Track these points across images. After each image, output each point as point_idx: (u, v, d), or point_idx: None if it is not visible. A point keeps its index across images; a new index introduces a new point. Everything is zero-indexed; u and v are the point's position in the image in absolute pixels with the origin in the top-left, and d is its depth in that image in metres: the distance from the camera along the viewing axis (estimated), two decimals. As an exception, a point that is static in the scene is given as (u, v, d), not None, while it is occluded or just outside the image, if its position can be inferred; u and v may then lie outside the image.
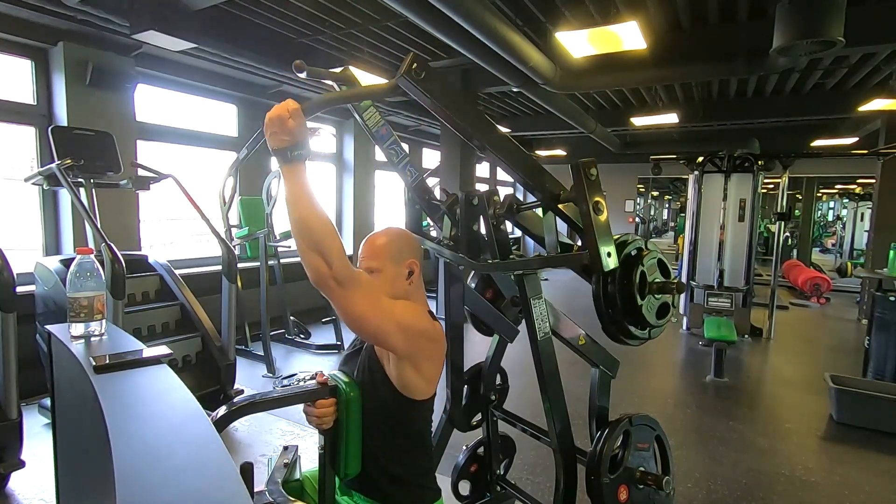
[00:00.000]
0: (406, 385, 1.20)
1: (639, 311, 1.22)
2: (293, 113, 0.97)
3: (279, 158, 1.00)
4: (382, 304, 1.12)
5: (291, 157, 0.99)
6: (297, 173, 1.00)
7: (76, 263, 1.11)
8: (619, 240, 1.25)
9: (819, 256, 12.28)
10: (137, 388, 0.88)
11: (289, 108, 0.97)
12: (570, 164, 1.15)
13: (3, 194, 4.09)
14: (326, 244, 1.00)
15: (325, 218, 1.02)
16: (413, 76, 1.02)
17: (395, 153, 1.55)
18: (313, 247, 1.00)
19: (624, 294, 1.22)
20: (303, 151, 1.00)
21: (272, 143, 0.99)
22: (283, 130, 0.98)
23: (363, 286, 1.08)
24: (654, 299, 1.24)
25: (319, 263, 1.00)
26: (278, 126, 0.98)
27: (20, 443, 2.41)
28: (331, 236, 1.01)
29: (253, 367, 4.16)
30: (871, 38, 3.72)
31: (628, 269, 1.22)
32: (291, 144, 0.99)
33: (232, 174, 4.33)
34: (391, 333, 1.12)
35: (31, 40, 3.62)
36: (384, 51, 5.02)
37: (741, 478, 2.65)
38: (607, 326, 1.26)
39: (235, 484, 0.56)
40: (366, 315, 1.08)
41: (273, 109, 0.98)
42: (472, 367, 1.98)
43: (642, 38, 3.36)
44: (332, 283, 1.01)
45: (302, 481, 1.35)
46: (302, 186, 1.00)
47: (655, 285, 1.24)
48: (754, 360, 4.83)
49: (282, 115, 0.97)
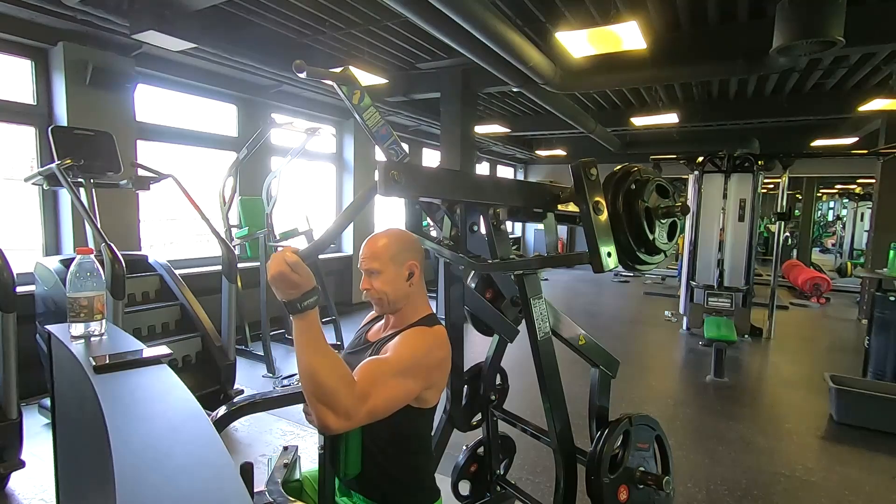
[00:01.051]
0: (419, 401, 1.21)
1: (652, 244, 1.21)
2: (293, 265, 0.96)
3: (289, 310, 0.99)
4: (386, 377, 1.10)
5: (302, 308, 0.98)
6: (308, 322, 1.00)
7: (76, 263, 1.11)
8: (617, 174, 1.23)
9: (819, 256, 12.28)
10: (137, 388, 0.88)
11: (287, 260, 0.95)
12: (570, 164, 1.15)
13: (3, 194, 4.09)
14: (332, 395, 0.99)
15: (331, 360, 1.01)
16: (394, 184, 0.98)
17: (395, 153, 1.54)
18: (321, 399, 0.99)
19: (634, 231, 1.20)
20: (311, 300, 0.99)
21: (280, 296, 0.98)
22: (289, 284, 0.96)
23: (370, 390, 1.06)
24: (662, 224, 1.23)
25: (326, 415, 1.00)
26: (283, 282, 0.96)
27: (20, 443, 2.41)
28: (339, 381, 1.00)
29: (253, 367, 4.16)
30: (871, 38, 3.72)
31: (632, 205, 1.20)
32: (299, 296, 0.98)
33: (232, 174, 4.33)
34: (408, 389, 1.13)
35: (31, 40, 3.62)
36: (384, 51, 5.02)
37: (741, 478, 2.65)
38: (623, 262, 1.24)
39: (235, 484, 0.56)
40: (386, 405, 1.09)
41: (272, 265, 0.96)
42: (472, 367, 1.98)
43: (642, 38, 3.36)
44: (342, 424, 1.02)
45: (302, 481, 1.35)
46: (313, 336, 1.00)
47: (661, 211, 1.22)
48: (754, 360, 4.83)
49: (283, 270, 0.95)
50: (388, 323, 1.33)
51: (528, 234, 12.40)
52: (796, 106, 6.54)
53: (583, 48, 3.60)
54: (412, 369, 1.14)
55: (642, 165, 1.26)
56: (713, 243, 5.44)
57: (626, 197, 1.21)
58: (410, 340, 1.20)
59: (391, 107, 6.24)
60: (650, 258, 1.24)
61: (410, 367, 1.14)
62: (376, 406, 1.06)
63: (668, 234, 1.25)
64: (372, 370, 1.10)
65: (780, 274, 6.06)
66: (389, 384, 1.10)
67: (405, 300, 1.27)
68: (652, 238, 1.20)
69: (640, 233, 1.20)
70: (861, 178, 10.24)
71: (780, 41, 3.17)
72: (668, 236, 1.25)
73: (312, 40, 4.62)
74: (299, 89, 5.64)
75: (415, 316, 1.29)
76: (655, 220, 1.21)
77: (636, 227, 1.19)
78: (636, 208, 1.19)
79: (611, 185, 1.21)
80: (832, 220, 14.18)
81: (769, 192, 11.60)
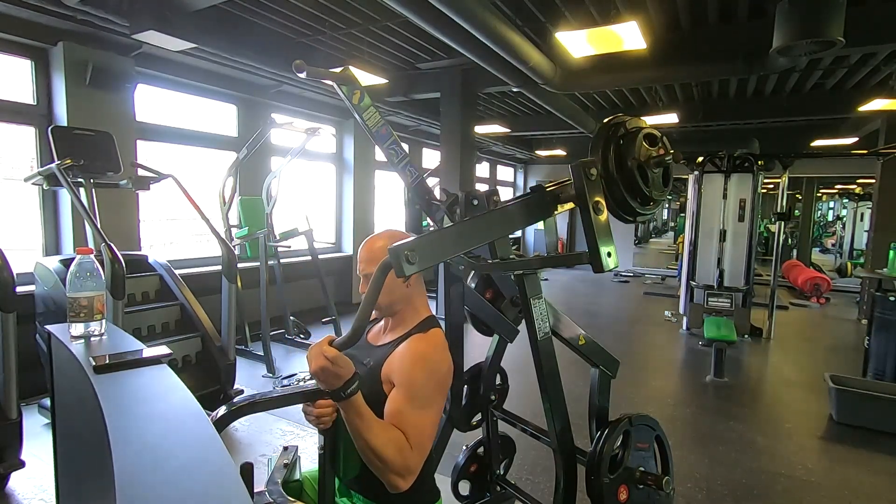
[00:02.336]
0: None
1: (647, 196, 1.21)
2: (333, 359, 0.99)
3: (333, 398, 1.04)
4: (413, 417, 1.14)
5: (346, 395, 1.03)
6: (356, 407, 1.05)
7: (76, 263, 1.11)
8: (601, 131, 1.21)
9: (819, 256, 12.28)
10: (137, 388, 0.88)
11: (326, 355, 0.99)
12: (570, 164, 1.15)
13: (4, 194, 4.09)
14: (395, 462, 1.06)
15: (386, 434, 1.08)
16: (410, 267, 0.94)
17: (395, 153, 1.54)
18: (390, 470, 1.07)
19: (628, 187, 1.19)
20: (354, 387, 1.03)
21: (325, 387, 1.03)
22: (332, 376, 1.01)
23: (414, 440, 1.12)
24: (654, 173, 1.22)
25: (397, 481, 1.08)
26: (327, 375, 1.01)
27: (20, 443, 2.41)
28: (395, 450, 1.07)
29: (253, 367, 4.16)
30: (871, 38, 3.72)
31: (623, 164, 1.19)
32: (342, 384, 1.02)
33: (232, 174, 4.33)
34: (439, 414, 1.21)
35: (31, 40, 3.62)
36: (384, 51, 5.02)
37: (741, 478, 2.65)
38: (618, 215, 1.24)
39: (235, 484, 0.56)
40: (431, 441, 1.18)
41: (313, 360, 1.00)
42: (472, 367, 1.98)
43: (642, 38, 3.37)
44: (410, 481, 1.10)
45: (302, 481, 1.35)
46: (364, 419, 1.05)
47: (652, 161, 1.21)
48: (754, 360, 4.83)
49: (324, 366, 0.99)
50: (388, 325, 1.33)
51: (528, 234, 12.40)
52: (796, 106, 6.54)
53: (583, 48, 3.60)
54: (432, 395, 1.19)
55: (630, 116, 1.25)
56: (713, 243, 5.44)
57: (617, 155, 1.19)
58: (418, 365, 1.19)
59: (391, 107, 6.24)
60: (645, 209, 1.24)
61: (431, 394, 1.18)
62: (424, 445, 1.14)
63: (662, 180, 1.24)
64: (405, 417, 1.14)
65: (780, 274, 6.06)
66: (424, 419, 1.15)
67: (403, 302, 1.27)
68: (648, 192, 1.20)
69: (634, 187, 1.19)
70: (861, 178, 10.23)
71: (780, 41, 3.17)
72: (663, 183, 1.24)
73: (312, 40, 4.62)
74: (299, 89, 5.63)
75: (414, 318, 1.29)
76: (648, 171, 1.20)
77: (630, 182, 1.19)
78: (628, 166, 1.18)
79: (600, 143, 1.19)
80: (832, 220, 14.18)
81: (769, 192, 11.60)
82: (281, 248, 4.73)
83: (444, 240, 1.06)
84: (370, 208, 7.32)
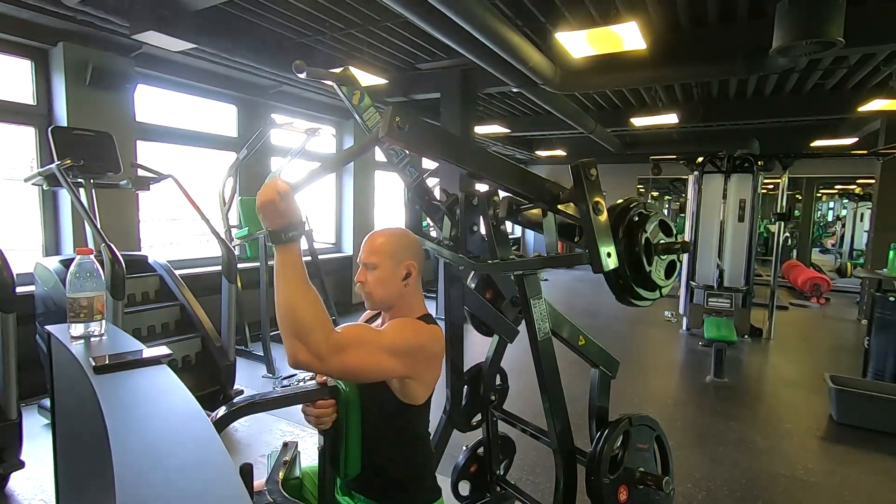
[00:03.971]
0: (406, 394, 1.22)
1: (648, 276, 1.22)
2: (283, 195, 0.96)
3: (273, 239, 0.99)
4: (372, 346, 1.11)
5: (286, 239, 0.99)
6: (291, 255, 1.00)
7: (76, 264, 1.11)
8: (620, 205, 1.25)
9: (819, 257, 12.28)
10: (137, 389, 0.88)
11: (278, 189, 0.96)
12: (569, 164, 1.15)
13: (4, 194, 4.09)
14: (308, 332, 1.00)
15: (311, 297, 1.01)
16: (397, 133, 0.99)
17: (395, 153, 1.55)
18: (295, 333, 1.00)
19: (632, 262, 1.22)
20: (297, 232, 1.00)
21: (266, 225, 0.99)
22: (276, 213, 0.97)
23: (348, 345, 1.07)
24: (660, 260, 1.24)
25: (297, 349, 1.00)
26: (271, 209, 0.96)
27: (20, 443, 2.41)
28: (316, 324, 1.01)
29: (253, 368, 4.16)
30: (871, 38, 3.71)
31: (633, 236, 1.22)
32: (285, 225, 0.98)
33: (232, 174, 4.33)
34: (390, 367, 1.13)
35: (31, 40, 3.62)
36: (384, 51, 5.02)
37: (741, 478, 2.65)
38: (619, 296, 1.27)
39: (235, 484, 0.56)
40: (360, 367, 1.09)
41: (263, 192, 0.97)
42: (471, 367, 1.98)
43: (642, 39, 3.37)
44: (311, 362, 1.02)
45: (302, 477, 1.35)
46: (294, 270, 1.00)
47: (661, 247, 1.24)
48: (754, 361, 4.83)
49: (272, 198, 0.95)
50: (384, 321, 1.34)
51: (528, 234, 12.40)
52: (796, 106, 6.54)
53: (583, 48, 3.60)
54: (400, 351, 1.15)
55: (648, 200, 1.29)
56: (713, 244, 5.44)
57: (629, 227, 1.23)
58: (408, 326, 1.22)
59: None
60: (648, 293, 1.27)
61: (399, 349, 1.15)
62: (350, 363, 1.06)
63: (666, 271, 1.27)
64: (360, 332, 1.12)
65: (779, 274, 6.06)
66: (372, 352, 1.11)
67: (399, 299, 1.28)
68: (648, 270, 1.22)
69: (638, 265, 1.21)
70: (861, 179, 10.22)
71: (780, 41, 3.17)
72: (666, 274, 1.27)
73: (312, 40, 4.62)
74: (299, 90, 5.63)
75: (410, 316, 1.29)
76: (655, 256, 1.23)
77: (635, 258, 1.21)
78: (637, 238, 1.21)
79: (614, 214, 1.23)
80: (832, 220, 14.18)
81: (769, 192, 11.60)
82: (281, 249, 4.72)
83: (438, 134, 1.09)
84: (370, 208, 7.32)
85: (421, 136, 1.03)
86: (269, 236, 0.99)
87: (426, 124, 1.04)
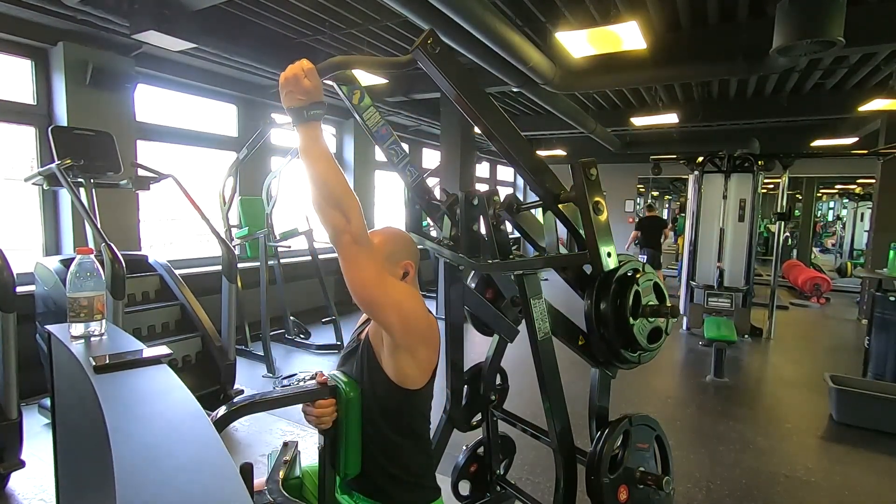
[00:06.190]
0: (401, 373, 1.18)
1: (630, 332, 1.22)
2: (308, 72, 0.98)
3: (294, 118, 1.00)
4: (387, 278, 1.14)
5: (308, 117, 1.00)
6: (313, 132, 1.01)
7: (76, 263, 1.11)
8: (614, 273, 1.26)
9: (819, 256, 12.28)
10: (137, 388, 0.88)
11: (303, 67, 0.98)
12: (570, 164, 1.15)
13: (4, 194, 4.09)
14: (346, 201, 1.02)
15: (342, 176, 1.03)
16: (428, 50, 1.05)
17: (395, 153, 1.54)
18: (333, 203, 1.01)
19: (617, 313, 1.22)
20: (319, 111, 1.01)
21: (287, 102, 1.00)
22: (299, 90, 0.99)
23: (375, 251, 1.11)
24: (646, 322, 1.25)
25: (339, 220, 1.01)
26: (294, 85, 0.98)
27: (20, 443, 2.41)
28: (349, 194, 1.03)
29: (253, 367, 4.16)
30: (871, 38, 3.71)
31: (623, 288, 1.23)
32: (307, 104, 0.99)
33: (232, 174, 4.33)
34: (388, 307, 1.12)
35: (31, 40, 3.62)
36: (384, 51, 5.02)
37: (741, 478, 2.65)
38: (597, 345, 1.27)
39: (235, 484, 0.56)
40: (369, 282, 1.09)
41: (288, 69, 0.99)
42: (472, 367, 1.98)
43: (642, 38, 3.37)
44: (349, 238, 1.03)
45: (302, 476, 1.35)
46: (318, 145, 1.02)
47: (649, 308, 1.24)
48: (754, 360, 4.83)
49: (297, 74, 0.98)
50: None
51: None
52: (796, 106, 6.54)
53: (583, 48, 3.60)
54: (401, 297, 1.14)
55: (649, 268, 1.30)
56: (713, 243, 5.44)
57: (621, 280, 1.24)
58: (410, 290, 1.22)
59: (391, 107, 6.24)
60: (630, 355, 1.28)
61: (401, 294, 1.15)
62: (373, 258, 1.09)
63: (650, 336, 1.27)
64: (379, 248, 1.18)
65: (780, 274, 6.06)
66: (384, 268, 1.15)
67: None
68: (632, 325, 1.22)
69: (623, 319, 1.22)
70: (861, 178, 10.23)
71: (780, 41, 3.17)
72: (650, 339, 1.27)
73: (312, 40, 4.62)
74: (299, 89, 5.62)
75: None
76: (642, 316, 1.24)
77: (622, 312, 1.22)
78: (627, 291, 1.22)
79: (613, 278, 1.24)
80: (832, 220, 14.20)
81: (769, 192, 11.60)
82: (281, 248, 4.73)
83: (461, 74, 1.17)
84: (370, 208, 7.32)
85: (446, 66, 1.09)
86: (290, 115, 1.00)
87: (456, 60, 1.09)
